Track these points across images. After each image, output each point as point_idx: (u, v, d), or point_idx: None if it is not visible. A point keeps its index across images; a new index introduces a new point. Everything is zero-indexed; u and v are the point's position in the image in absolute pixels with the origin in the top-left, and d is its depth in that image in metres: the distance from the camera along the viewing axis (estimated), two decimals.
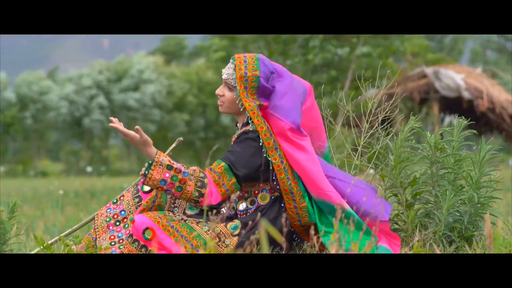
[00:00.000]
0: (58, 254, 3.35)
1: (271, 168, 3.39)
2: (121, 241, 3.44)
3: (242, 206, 3.47)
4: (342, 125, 4.40)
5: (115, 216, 3.54)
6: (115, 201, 3.61)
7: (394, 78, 4.68)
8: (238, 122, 3.58)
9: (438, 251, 3.18)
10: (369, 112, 4.18)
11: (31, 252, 3.59)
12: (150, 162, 3.27)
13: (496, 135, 20.13)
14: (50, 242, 3.58)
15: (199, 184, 3.26)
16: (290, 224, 3.43)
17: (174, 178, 3.25)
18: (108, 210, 3.58)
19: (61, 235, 3.60)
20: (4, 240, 3.49)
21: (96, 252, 3.42)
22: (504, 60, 45.42)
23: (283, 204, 3.43)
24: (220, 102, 3.51)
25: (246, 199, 3.47)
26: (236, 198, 3.50)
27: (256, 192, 3.46)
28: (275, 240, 3.31)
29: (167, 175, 3.25)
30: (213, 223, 3.23)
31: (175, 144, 3.73)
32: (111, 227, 3.52)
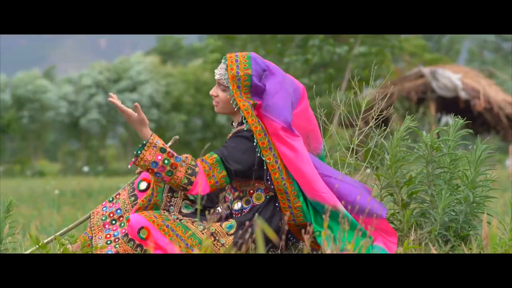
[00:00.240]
0: (52, 254, 3.34)
1: (265, 168, 3.38)
2: (116, 240, 3.43)
3: (237, 205, 3.47)
4: (338, 124, 4.39)
5: (111, 215, 3.53)
6: (111, 199, 3.61)
7: (387, 77, 4.67)
8: (233, 121, 3.57)
9: (434, 250, 3.18)
10: (363, 111, 4.18)
11: (26, 252, 3.59)
12: (144, 143, 3.28)
13: (493, 135, 20.15)
14: (45, 241, 3.58)
15: (189, 172, 3.26)
16: (285, 223, 3.43)
17: (166, 161, 3.25)
18: (104, 209, 3.58)
19: (56, 234, 3.59)
20: None
21: (91, 251, 3.42)
22: (501, 60, 45.48)
23: (278, 204, 3.43)
24: (215, 103, 3.52)
25: (241, 198, 3.47)
26: (231, 198, 3.51)
27: (251, 191, 3.46)
28: (270, 239, 3.31)
29: (159, 157, 3.25)
30: (209, 223, 3.23)
31: (171, 142, 3.74)
32: (107, 226, 3.51)
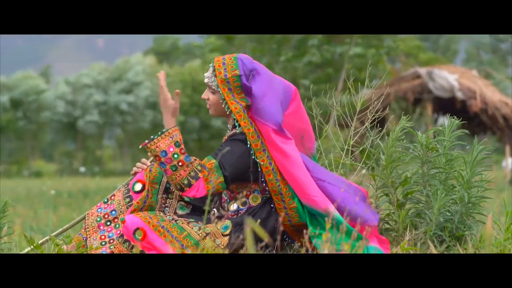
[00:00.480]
0: (47, 254, 3.34)
1: (259, 169, 3.38)
2: (111, 241, 3.43)
3: (233, 206, 3.47)
4: (334, 125, 4.39)
5: (106, 216, 3.53)
6: (106, 200, 3.60)
7: (383, 78, 4.68)
8: (228, 124, 3.57)
9: (433, 249, 3.17)
10: (358, 111, 4.18)
11: (21, 252, 3.58)
12: (164, 130, 3.32)
13: (489, 135, 20.17)
14: (40, 241, 3.58)
15: (192, 174, 3.26)
16: (281, 224, 3.43)
17: (175, 155, 3.26)
18: (99, 210, 3.57)
19: (51, 234, 3.59)
20: None
21: (86, 251, 3.42)
22: (498, 60, 45.56)
23: (273, 205, 3.43)
24: (208, 106, 3.52)
25: (237, 200, 3.47)
26: (228, 199, 3.51)
27: (247, 193, 3.46)
28: (270, 240, 3.31)
29: (172, 149, 3.27)
30: (203, 223, 3.23)
31: None
32: (101, 227, 3.51)
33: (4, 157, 39.32)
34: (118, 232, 3.44)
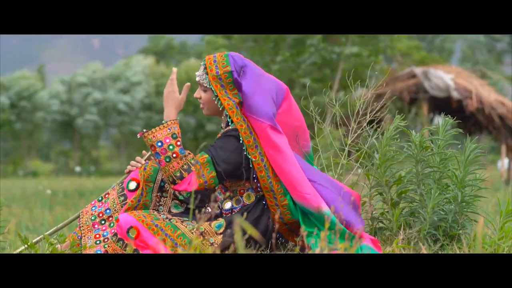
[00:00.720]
0: (41, 254, 3.34)
1: (251, 166, 3.39)
2: (106, 240, 3.43)
3: (228, 205, 3.47)
4: (330, 124, 4.39)
5: (100, 215, 3.53)
6: (100, 199, 3.60)
7: (384, 79, 4.68)
8: (222, 123, 3.58)
9: (424, 250, 3.18)
10: (356, 112, 4.19)
11: (15, 252, 3.58)
12: (163, 122, 3.37)
13: (485, 135, 20.19)
14: (34, 240, 3.58)
15: (185, 167, 3.28)
16: (273, 222, 3.43)
17: (171, 146, 3.30)
18: (93, 208, 3.57)
19: (45, 233, 3.58)
20: None
21: (81, 250, 3.42)
22: (493, 60, 45.61)
23: (265, 202, 3.43)
24: (201, 105, 3.53)
25: (231, 198, 3.47)
26: (222, 198, 3.51)
27: (241, 191, 3.46)
28: (260, 239, 3.32)
29: (168, 140, 3.31)
30: (199, 222, 3.23)
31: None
32: (96, 226, 3.51)
33: (0, 157, 39.24)
34: (113, 231, 3.44)
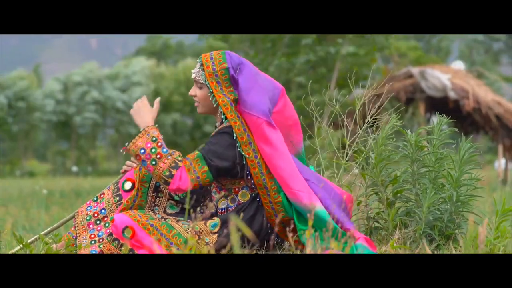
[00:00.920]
0: (36, 254, 3.33)
1: (244, 163, 3.39)
2: (101, 240, 3.42)
3: (223, 204, 3.47)
4: (328, 123, 4.40)
5: (96, 215, 3.52)
6: (95, 199, 3.60)
7: (385, 80, 4.68)
8: (216, 122, 3.58)
9: (426, 247, 3.17)
10: (358, 112, 4.18)
11: (10, 252, 3.57)
12: (141, 130, 3.40)
13: (483, 135, 20.20)
14: (29, 240, 3.57)
15: (173, 165, 3.29)
16: (268, 220, 3.43)
17: (153, 150, 3.31)
18: (88, 208, 3.56)
19: (41, 233, 3.58)
20: None
21: (76, 250, 3.41)
22: (490, 60, 45.66)
23: (259, 199, 3.43)
24: (196, 103, 3.54)
25: (227, 197, 3.47)
26: (217, 197, 3.50)
27: (236, 189, 3.46)
28: (254, 238, 3.32)
29: (149, 145, 3.33)
30: (194, 222, 3.23)
31: None
32: (91, 226, 3.50)
33: None
34: (108, 231, 3.44)
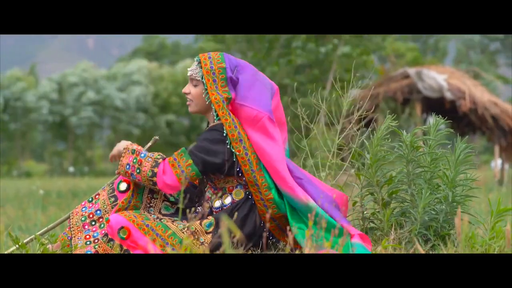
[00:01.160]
0: (32, 254, 3.33)
1: (235, 160, 3.40)
2: (96, 240, 3.42)
3: (218, 203, 3.48)
4: (321, 125, 4.41)
5: (91, 216, 3.52)
6: (90, 199, 3.60)
7: (369, 77, 4.69)
8: (208, 122, 3.60)
9: (420, 249, 3.17)
10: (346, 112, 4.19)
11: (6, 252, 3.58)
12: (122, 150, 3.47)
13: (479, 135, 20.22)
14: (25, 241, 3.57)
15: (153, 164, 3.38)
16: (261, 218, 3.44)
17: (134, 160, 3.41)
18: (83, 209, 3.56)
19: (36, 234, 3.58)
20: None
21: (71, 251, 3.41)
22: (487, 60, 45.69)
23: (251, 196, 3.45)
24: (188, 101, 3.55)
25: (221, 196, 3.48)
26: (212, 197, 3.51)
27: (230, 188, 3.48)
28: (249, 237, 3.32)
29: (131, 158, 3.42)
30: (190, 222, 3.24)
31: (150, 142, 3.74)
32: (86, 227, 3.50)
33: None
34: (103, 231, 3.44)
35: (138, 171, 3.37)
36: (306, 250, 2.77)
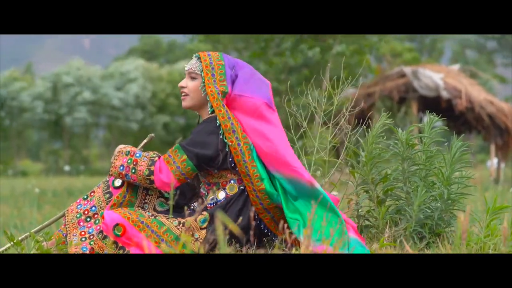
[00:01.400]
0: (28, 254, 3.33)
1: (227, 150, 3.40)
2: (91, 237, 3.42)
3: (212, 199, 3.48)
4: (316, 124, 4.41)
5: (86, 212, 3.52)
6: (85, 197, 3.60)
7: (361, 73, 4.69)
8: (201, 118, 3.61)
9: (409, 249, 3.18)
10: (342, 110, 4.19)
11: (0, 250, 3.57)
12: (115, 154, 3.49)
13: (475, 134, 20.25)
14: (20, 238, 3.57)
15: (150, 163, 3.40)
16: (256, 211, 3.44)
17: (129, 161, 3.42)
18: (78, 206, 3.56)
19: (31, 231, 3.58)
20: None
21: (66, 248, 3.41)
22: (483, 59, 45.74)
23: (244, 187, 3.46)
24: (183, 96, 3.55)
25: (215, 192, 3.48)
26: (206, 192, 3.51)
27: (224, 183, 3.48)
28: (244, 231, 3.32)
29: (125, 160, 3.43)
30: (186, 218, 3.24)
31: (146, 140, 3.75)
32: (81, 223, 3.50)
33: None
34: (98, 228, 3.44)
35: (134, 171, 3.39)
36: (303, 250, 2.75)
